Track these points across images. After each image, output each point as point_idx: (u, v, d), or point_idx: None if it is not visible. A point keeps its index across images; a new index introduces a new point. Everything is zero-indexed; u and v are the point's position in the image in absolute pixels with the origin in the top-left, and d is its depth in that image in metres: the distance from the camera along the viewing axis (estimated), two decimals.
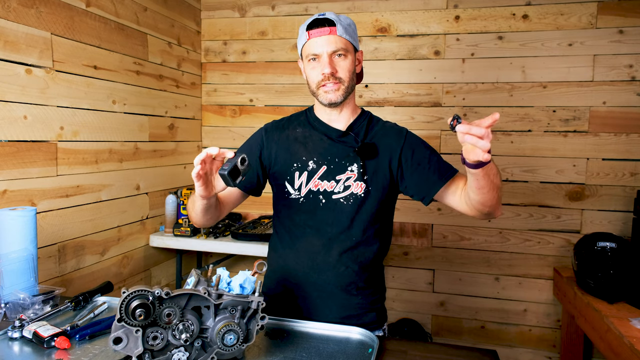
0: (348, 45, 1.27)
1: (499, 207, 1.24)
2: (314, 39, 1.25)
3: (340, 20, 1.26)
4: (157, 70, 2.52)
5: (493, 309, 2.66)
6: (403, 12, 2.68)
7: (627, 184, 2.45)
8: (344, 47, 1.26)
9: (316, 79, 1.28)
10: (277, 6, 2.85)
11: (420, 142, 1.34)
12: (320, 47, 1.25)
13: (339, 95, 1.27)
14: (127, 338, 0.86)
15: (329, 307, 1.30)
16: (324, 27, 1.24)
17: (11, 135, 1.67)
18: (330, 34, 1.24)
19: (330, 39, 1.24)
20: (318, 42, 1.25)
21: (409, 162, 1.30)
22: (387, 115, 2.69)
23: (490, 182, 1.11)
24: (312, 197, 1.30)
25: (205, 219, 1.29)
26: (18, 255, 1.29)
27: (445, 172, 1.29)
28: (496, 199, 1.18)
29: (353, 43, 1.29)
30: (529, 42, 2.52)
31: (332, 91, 1.26)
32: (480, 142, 0.93)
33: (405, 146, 1.31)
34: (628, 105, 2.43)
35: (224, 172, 1.00)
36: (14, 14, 1.66)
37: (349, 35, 1.27)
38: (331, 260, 1.29)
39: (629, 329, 1.70)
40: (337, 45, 1.25)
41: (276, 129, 1.40)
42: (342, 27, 1.25)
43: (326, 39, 1.24)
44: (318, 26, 1.25)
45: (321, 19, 1.25)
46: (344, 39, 1.26)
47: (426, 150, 1.33)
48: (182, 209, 2.60)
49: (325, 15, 1.26)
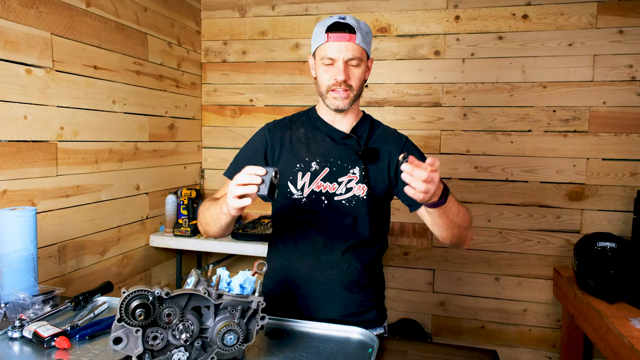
0: (363, 54, 1.27)
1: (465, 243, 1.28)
2: (332, 43, 1.24)
3: (360, 28, 1.26)
4: (157, 70, 2.52)
5: (493, 309, 2.66)
6: (403, 12, 2.68)
7: (627, 184, 2.45)
8: (360, 56, 1.26)
9: (328, 82, 1.27)
10: (277, 6, 2.85)
11: (417, 154, 1.35)
12: (337, 53, 1.24)
13: (347, 103, 1.28)
14: (127, 338, 0.86)
15: (331, 305, 1.31)
16: (344, 32, 1.23)
17: (11, 135, 1.67)
18: (349, 41, 1.23)
19: (349, 46, 1.23)
20: (336, 47, 1.24)
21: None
22: (387, 115, 2.70)
23: (449, 221, 1.15)
24: (314, 198, 1.30)
25: (228, 231, 1.29)
26: (18, 255, 1.29)
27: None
28: (457, 237, 1.23)
29: (367, 51, 1.29)
30: (529, 42, 2.52)
31: (341, 98, 1.27)
32: (414, 182, 0.98)
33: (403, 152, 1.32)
34: (628, 105, 2.43)
35: (264, 193, 1.00)
36: (14, 14, 1.66)
37: (365, 44, 1.27)
38: (334, 258, 1.30)
39: (629, 329, 1.70)
40: (354, 53, 1.24)
41: (279, 128, 1.40)
42: (361, 35, 1.25)
43: (345, 46, 1.23)
44: (339, 30, 1.24)
45: (342, 23, 1.24)
46: (361, 48, 1.26)
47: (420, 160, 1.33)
48: (182, 209, 2.60)
49: (347, 20, 1.25)
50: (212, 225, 1.26)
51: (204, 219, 1.30)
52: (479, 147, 2.61)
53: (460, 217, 1.18)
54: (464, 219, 1.20)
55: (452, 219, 1.16)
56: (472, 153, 2.62)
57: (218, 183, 3.00)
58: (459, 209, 1.17)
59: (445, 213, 1.13)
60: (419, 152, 1.36)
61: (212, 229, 1.28)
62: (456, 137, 2.64)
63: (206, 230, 1.31)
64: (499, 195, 2.61)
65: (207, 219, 1.27)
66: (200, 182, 3.01)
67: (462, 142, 2.63)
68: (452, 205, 1.14)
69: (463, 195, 2.65)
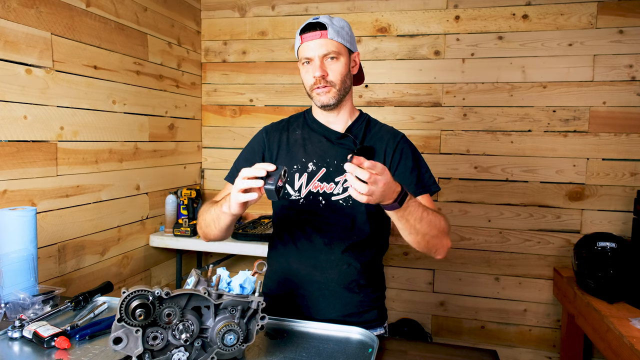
0: (340, 48, 1.28)
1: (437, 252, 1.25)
2: (306, 43, 1.28)
3: (333, 24, 1.27)
4: (157, 70, 2.52)
5: (493, 309, 2.66)
6: (403, 12, 2.68)
7: (627, 184, 2.45)
8: (336, 50, 1.27)
9: (309, 82, 1.30)
10: (277, 6, 2.85)
11: (410, 152, 1.34)
12: (311, 51, 1.27)
13: (330, 98, 1.28)
14: (127, 338, 0.86)
15: (331, 305, 1.31)
16: (315, 30, 1.26)
17: (11, 135, 1.67)
18: (321, 38, 1.26)
19: (321, 43, 1.26)
20: (310, 46, 1.27)
21: (394, 166, 1.32)
22: (387, 115, 2.70)
23: (409, 226, 1.13)
24: (312, 199, 1.31)
25: (228, 234, 1.29)
26: (18, 255, 1.29)
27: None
28: (424, 245, 1.20)
29: (347, 45, 1.30)
30: (529, 42, 2.52)
31: (324, 94, 1.28)
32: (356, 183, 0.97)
33: (397, 151, 1.33)
34: (628, 105, 2.43)
35: (272, 186, 0.98)
36: (14, 14, 1.66)
37: (341, 38, 1.28)
38: (334, 258, 1.30)
39: (629, 329, 1.70)
40: (328, 48, 1.26)
41: (276, 130, 1.42)
42: (333, 30, 1.26)
43: (317, 43, 1.26)
44: (310, 30, 1.27)
45: (313, 23, 1.27)
46: (336, 42, 1.27)
47: (412, 162, 1.33)
48: (182, 209, 2.60)
49: (318, 19, 1.28)
50: (212, 227, 1.26)
51: (203, 221, 1.30)
52: (479, 147, 2.61)
53: (424, 223, 1.14)
54: (432, 227, 1.16)
55: (414, 225, 1.12)
56: (472, 153, 2.62)
57: (218, 183, 3.00)
58: (423, 216, 1.13)
59: (404, 217, 1.10)
60: (413, 154, 1.35)
61: (212, 232, 1.27)
62: (456, 137, 2.64)
63: (206, 234, 1.31)
64: (499, 195, 2.61)
65: (207, 220, 1.27)
66: (200, 182, 3.01)
67: (462, 142, 2.63)
68: (414, 210, 1.11)
69: (463, 195, 2.65)
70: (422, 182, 1.32)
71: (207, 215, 1.27)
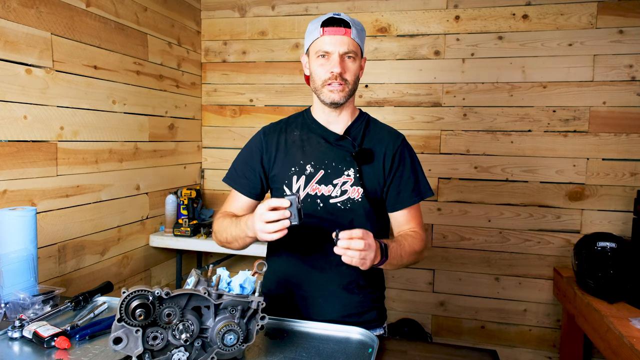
0: (358, 50, 1.29)
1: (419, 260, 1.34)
2: (328, 37, 1.26)
3: (355, 24, 1.28)
4: (157, 70, 2.52)
5: (493, 309, 2.66)
6: (403, 12, 2.68)
7: (627, 184, 2.45)
8: (355, 51, 1.27)
9: (323, 76, 1.28)
10: (277, 6, 2.85)
11: (409, 157, 1.35)
12: (333, 46, 1.25)
13: (343, 97, 1.28)
14: (127, 338, 0.86)
15: (331, 306, 1.31)
16: (339, 27, 1.25)
17: (11, 135, 1.67)
18: (345, 35, 1.25)
19: (344, 40, 1.25)
20: (332, 41, 1.25)
21: (393, 170, 1.33)
22: (387, 115, 2.70)
23: (393, 266, 1.23)
24: (309, 201, 1.30)
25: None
26: (18, 255, 1.29)
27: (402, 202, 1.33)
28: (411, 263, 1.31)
29: (362, 48, 1.31)
30: (529, 42, 2.52)
31: (337, 91, 1.27)
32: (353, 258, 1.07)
33: (396, 155, 1.33)
34: (628, 105, 2.43)
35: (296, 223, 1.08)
36: (14, 14, 1.66)
37: (360, 40, 1.29)
38: (333, 259, 1.30)
39: (629, 329, 1.70)
40: (350, 47, 1.26)
41: (274, 131, 1.41)
42: (356, 31, 1.27)
43: (340, 39, 1.25)
44: (334, 25, 1.25)
45: (337, 19, 1.26)
46: (356, 43, 1.27)
47: (410, 168, 1.34)
48: (182, 209, 2.60)
49: (342, 16, 1.27)
50: (234, 244, 1.32)
51: (224, 237, 1.33)
52: (479, 147, 2.61)
53: (405, 258, 1.24)
54: (410, 257, 1.26)
55: (396, 264, 1.23)
56: (472, 153, 2.62)
57: (218, 183, 3.00)
58: (402, 254, 1.22)
59: (389, 263, 1.19)
60: (411, 159, 1.35)
61: (234, 246, 1.34)
62: (456, 137, 2.64)
63: (227, 246, 1.36)
64: (499, 195, 2.61)
65: (229, 238, 1.31)
66: (200, 182, 3.01)
67: (462, 142, 2.63)
68: (395, 255, 1.19)
69: (463, 195, 2.65)
70: (418, 189, 1.34)
71: (227, 233, 1.30)
